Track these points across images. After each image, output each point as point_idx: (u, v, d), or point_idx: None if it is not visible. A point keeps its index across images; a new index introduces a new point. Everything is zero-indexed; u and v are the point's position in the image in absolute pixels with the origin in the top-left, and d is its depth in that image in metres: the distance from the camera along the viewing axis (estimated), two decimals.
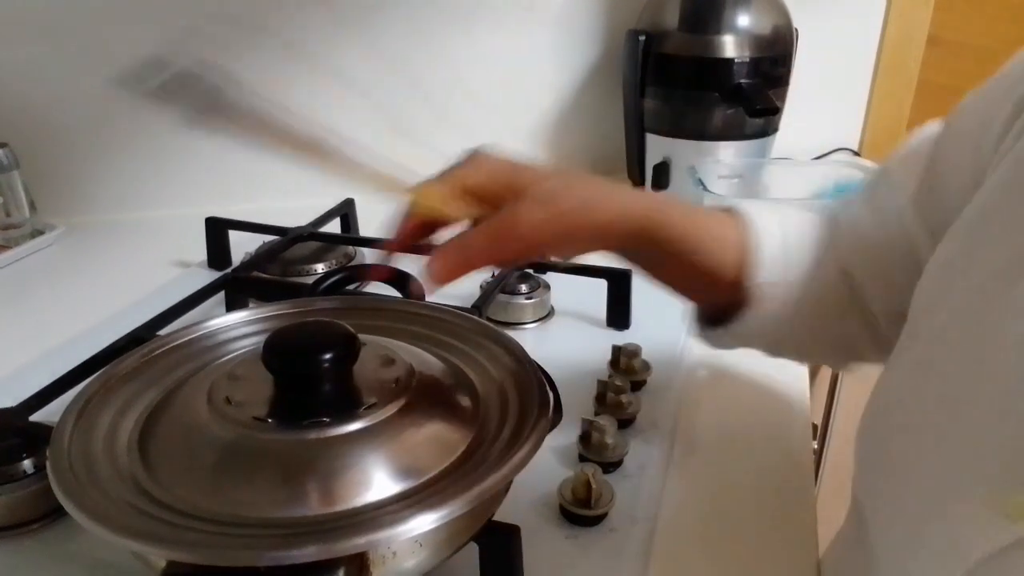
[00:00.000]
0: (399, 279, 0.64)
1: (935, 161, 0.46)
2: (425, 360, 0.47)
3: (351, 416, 0.39)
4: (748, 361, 0.70)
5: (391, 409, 0.40)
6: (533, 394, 0.43)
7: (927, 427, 0.35)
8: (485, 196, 0.45)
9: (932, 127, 0.48)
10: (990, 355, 0.32)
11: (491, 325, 0.51)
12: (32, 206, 0.95)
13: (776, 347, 0.55)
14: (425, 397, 0.43)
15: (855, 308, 0.52)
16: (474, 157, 0.47)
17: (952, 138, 0.45)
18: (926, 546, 0.32)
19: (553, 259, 0.50)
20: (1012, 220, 0.35)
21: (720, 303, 0.52)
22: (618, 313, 0.72)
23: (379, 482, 0.37)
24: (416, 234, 0.47)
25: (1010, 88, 0.40)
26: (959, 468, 0.32)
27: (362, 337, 0.43)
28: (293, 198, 0.98)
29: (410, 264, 0.72)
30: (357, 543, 0.33)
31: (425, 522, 0.34)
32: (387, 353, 0.46)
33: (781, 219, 0.52)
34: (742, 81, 0.97)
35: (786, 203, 0.54)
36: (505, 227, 0.44)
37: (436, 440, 0.41)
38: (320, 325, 0.43)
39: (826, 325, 0.52)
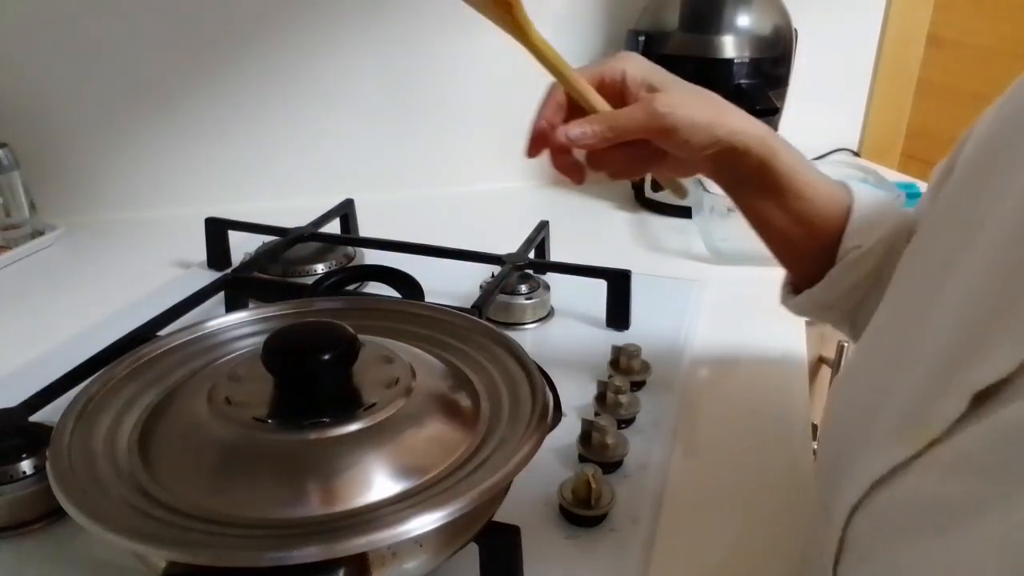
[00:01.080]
0: (399, 279, 0.64)
1: (953, 159, 0.49)
2: (425, 360, 0.47)
3: (351, 416, 0.39)
4: (748, 361, 0.70)
5: (391, 409, 0.40)
6: (533, 394, 0.43)
7: (869, 382, 0.40)
8: (624, 92, 0.51)
9: None
10: (924, 324, 0.37)
11: (491, 325, 0.51)
12: (32, 206, 0.95)
13: (853, 320, 0.57)
14: (425, 397, 0.43)
15: None
16: (621, 55, 0.52)
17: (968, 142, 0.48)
18: (849, 471, 0.37)
19: (663, 174, 0.55)
20: (962, 203, 0.38)
21: (805, 268, 0.57)
22: (618, 313, 0.72)
23: (379, 482, 0.37)
24: (556, 113, 0.52)
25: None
26: (879, 411, 0.37)
27: (362, 337, 0.43)
28: (293, 198, 0.98)
29: (410, 265, 0.72)
30: (358, 543, 0.33)
31: (425, 522, 0.34)
32: (387, 353, 0.46)
33: (876, 196, 0.56)
34: (742, 81, 0.97)
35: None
36: (645, 103, 0.49)
37: (436, 440, 0.41)
38: (320, 325, 0.43)
39: None
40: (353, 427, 0.39)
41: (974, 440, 0.31)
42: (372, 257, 0.81)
